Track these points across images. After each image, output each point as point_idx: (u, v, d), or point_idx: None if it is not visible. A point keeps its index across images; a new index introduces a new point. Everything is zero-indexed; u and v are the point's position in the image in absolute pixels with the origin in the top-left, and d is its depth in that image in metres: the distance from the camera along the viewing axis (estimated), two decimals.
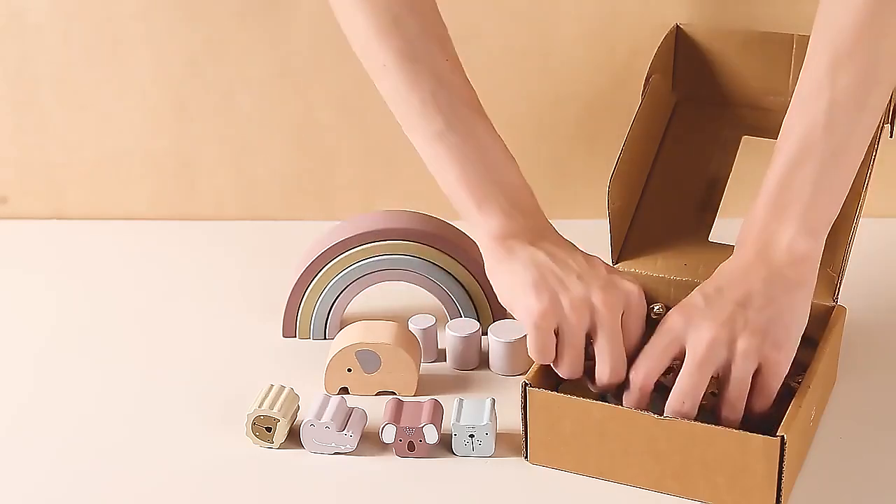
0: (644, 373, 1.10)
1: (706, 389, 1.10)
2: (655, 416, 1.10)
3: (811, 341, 1.21)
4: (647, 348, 1.11)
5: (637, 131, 1.30)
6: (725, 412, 1.10)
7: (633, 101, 1.34)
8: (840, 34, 1.10)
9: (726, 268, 1.13)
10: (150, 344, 1.34)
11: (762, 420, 1.11)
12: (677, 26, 1.39)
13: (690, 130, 1.36)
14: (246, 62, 1.51)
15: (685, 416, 1.09)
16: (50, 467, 1.18)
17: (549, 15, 1.47)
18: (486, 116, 1.20)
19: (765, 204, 1.13)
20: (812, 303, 1.22)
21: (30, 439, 1.21)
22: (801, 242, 1.11)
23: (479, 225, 1.16)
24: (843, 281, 1.22)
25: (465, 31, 1.48)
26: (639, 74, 1.36)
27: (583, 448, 1.13)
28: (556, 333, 1.11)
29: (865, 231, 1.26)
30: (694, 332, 1.09)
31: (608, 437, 1.12)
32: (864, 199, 1.23)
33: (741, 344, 1.08)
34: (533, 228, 1.16)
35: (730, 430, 1.09)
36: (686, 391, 1.09)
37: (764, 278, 1.10)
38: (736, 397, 1.10)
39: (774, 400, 1.12)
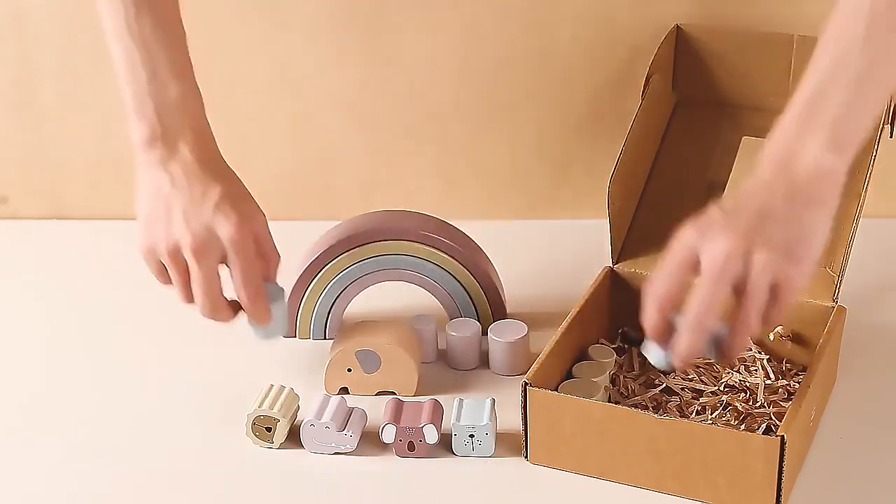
0: (661, 290, 1.06)
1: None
2: (656, 416, 1.10)
3: (811, 341, 1.21)
4: (664, 265, 1.07)
5: (637, 131, 1.30)
6: (738, 331, 1.05)
7: (633, 101, 1.35)
8: None
9: (748, 185, 1.08)
10: (151, 344, 1.34)
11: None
12: (677, 26, 1.39)
13: (690, 131, 1.37)
14: (246, 62, 1.51)
15: (700, 336, 1.04)
16: (50, 467, 1.18)
17: (549, 15, 1.47)
18: (180, 29, 1.22)
19: (794, 116, 1.08)
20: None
21: (30, 439, 1.21)
22: (827, 158, 1.06)
23: (132, 130, 1.20)
24: (843, 281, 1.22)
25: (466, 31, 1.48)
26: (639, 74, 1.36)
27: (583, 448, 1.13)
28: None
29: (865, 231, 1.26)
30: (710, 244, 1.04)
31: (608, 437, 1.12)
32: (864, 199, 1.23)
33: (759, 257, 1.04)
34: (172, 144, 1.19)
35: (730, 430, 1.09)
36: (702, 307, 1.04)
37: (785, 193, 1.06)
38: (751, 313, 1.05)
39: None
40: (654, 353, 1.09)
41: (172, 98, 1.20)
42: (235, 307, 1.21)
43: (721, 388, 1.22)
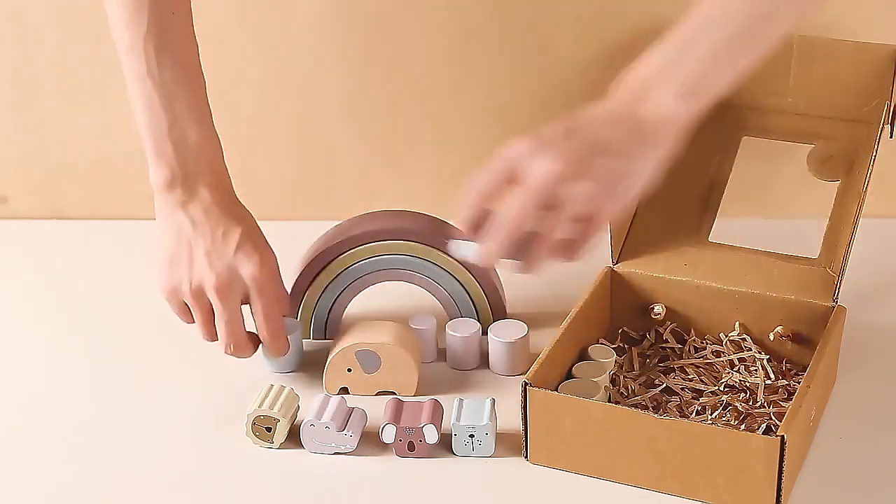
0: (480, 185, 1.06)
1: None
2: (656, 416, 1.10)
3: (811, 341, 1.21)
4: (489, 165, 1.07)
5: None
6: (538, 246, 1.06)
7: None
8: None
9: (597, 108, 1.08)
10: (150, 344, 1.34)
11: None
12: None
13: (690, 131, 1.36)
14: (246, 62, 1.51)
15: (506, 242, 1.04)
16: (50, 467, 1.18)
17: (548, 15, 1.47)
18: (199, 74, 1.23)
19: (658, 57, 1.08)
20: (812, 303, 1.23)
21: (30, 439, 1.21)
22: (677, 106, 1.07)
23: (151, 173, 1.22)
24: (843, 281, 1.22)
25: (466, 31, 1.48)
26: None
27: (583, 448, 1.13)
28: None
29: (865, 231, 1.26)
30: (539, 160, 1.04)
31: (608, 437, 1.12)
32: (864, 199, 1.23)
33: (580, 186, 1.04)
34: (192, 187, 1.22)
35: (730, 430, 1.09)
36: (513, 212, 1.04)
37: (626, 129, 1.06)
38: (554, 231, 1.05)
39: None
40: (461, 248, 1.10)
41: (192, 143, 1.22)
42: (255, 341, 1.25)
43: (721, 388, 1.22)
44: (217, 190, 1.23)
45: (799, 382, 1.15)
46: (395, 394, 1.25)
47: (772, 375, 1.23)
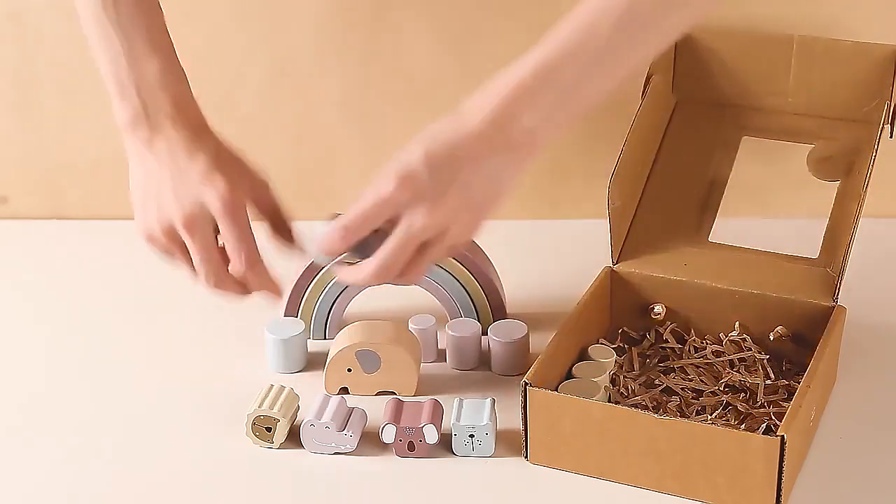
0: (352, 229, 1.09)
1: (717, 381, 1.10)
2: (656, 416, 1.10)
3: (811, 341, 1.21)
4: (363, 206, 1.09)
5: (637, 131, 1.30)
6: (404, 277, 1.10)
7: (633, 101, 1.34)
8: None
9: (463, 130, 1.08)
10: (150, 344, 1.34)
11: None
12: None
13: (690, 131, 1.37)
14: (246, 62, 1.51)
15: (379, 279, 1.10)
16: (50, 467, 1.18)
17: (549, 15, 1.46)
18: (156, 6, 1.20)
19: (521, 80, 1.08)
20: (812, 303, 1.23)
21: (30, 439, 1.21)
22: (543, 130, 1.08)
23: (115, 113, 1.19)
24: (843, 281, 1.22)
25: (466, 31, 1.48)
26: (639, 74, 1.36)
27: (583, 448, 1.13)
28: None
29: (865, 231, 1.26)
30: (412, 212, 1.07)
31: (608, 437, 1.12)
32: (864, 199, 1.23)
33: (452, 233, 1.08)
34: (155, 122, 1.17)
35: (730, 430, 1.09)
36: (387, 264, 1.08)
37: (496, 156, 1.07)
38: (419, 269, 1.10)
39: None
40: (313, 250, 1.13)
41: (152, 77, 1.18)
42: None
43: (721, 388, 1.22)
44: (181, 122, 1.18)
45: (799, 382, 1.15)
46: (395, 394, 1.25)
47: (772, 375, 1.23)
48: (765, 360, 1.24)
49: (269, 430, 1.19)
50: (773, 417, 1.17)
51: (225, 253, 1.16)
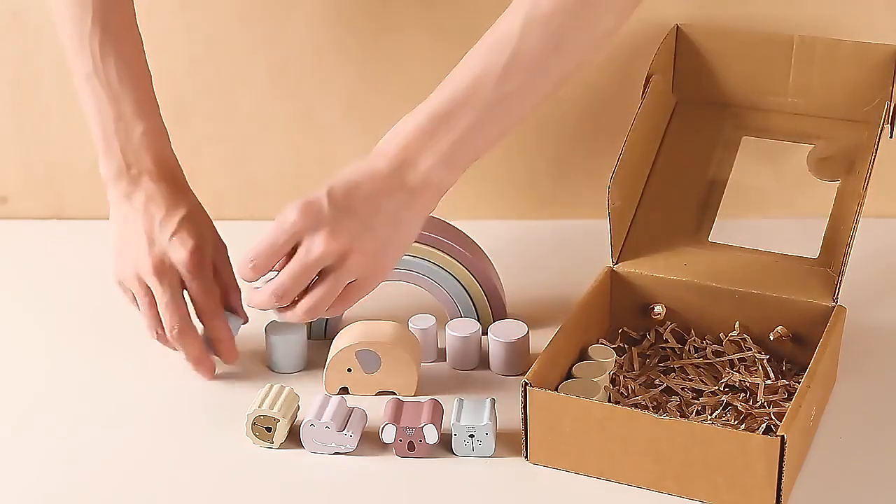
0: (260, 263, 1.14)
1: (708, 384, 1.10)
2: (656, 416, 1.10)
3: (811, 341, 1.21)
4: (267, 238, 1.14)
5: (637, 131, 1.30)
6: (307, 306, 1.15)
7: (633, 101, 1.34)
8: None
9: (363, 174, 1.15)
10: (151, 344, 1.34)
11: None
12: (677, 26, 1.39)
13: (690, 130, 1.37)
14: (246, 62, 1.51)
15: (276, 305, 1.15)
16: (50, 466, 1.18)
17: None
18: (144, 70, 1.28)
19: (419, 124, 1.14)
20: (812, 303, 1.23)
21: (30, 439, 1.21)
22: (440, 174, 1.14)
23: (101, 166, 1.27)
24: (843, 281, 1.22)
25: (466, 31, 1.48)
26: (639, 74, 1.36)
27: (583, 448, 1.13)
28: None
29: (865, 231, 1.26)
30: (311, 238, 1.13)
31: (608, 437, 1.12)
32: (864, 199, 1.23)
33: (351, 260, 1.13)
34: (136, 178, 1.26)
35: (730, 430, 1.09)
36: (286, 287, 1.14)
37: (395, 199, 1.14)
38: (322, 298, 1.14)
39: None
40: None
41: (137, 137, 1.25)
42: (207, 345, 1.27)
43: (721, 388, 1.22)
44: (162, 180, 1.26)
45: (799, 382, 1.15)
46: (395, 394, 1.25)
47: (772, 375, 1.23)
48: (765, 360, 1.24)
49: (269, 430, 1.19)
50: (773, 417, 1.17)
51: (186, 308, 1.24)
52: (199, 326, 1.26)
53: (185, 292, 1.25)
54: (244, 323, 1.28)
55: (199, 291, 1.24)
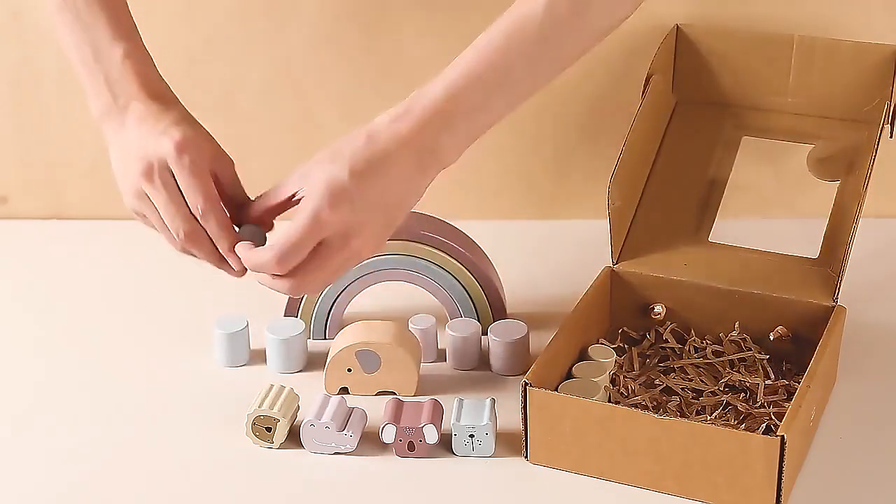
0: (287, 259, 1.10)
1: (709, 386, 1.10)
2: (656, 416, 1.10)
3: (811, 341, 1.21)
4: (296, 231, 1.10)
5: (637, 131, 1.30)
6: (299, 282, 1.11)
7: (633, 101, 1.35)
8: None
9: (378, 148, 1.11)
10: (150, 343, 1.34)
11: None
12: (677, 26, 1.39)
13: (690, 130, 1.37)
14: (246, 62, 1.51)
15: (270, 263, 1.10)
16: (50, 466, 1.18)
17: None
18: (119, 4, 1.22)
19: (435, 104, 1.12)
20: (812, 303, 1.23)
21: (29, 439, 1.21)
22: (453, 150, 1.12)
23: (90, 104, 1.21)
24: (843, 281, 1.22)
25: (466, 31, 1.48)
26: (639, 74, 1.36)
27: (583, 448, 1.13)
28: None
29: (865, 231, 1.26)
30: (330, 211, 1.09)
31: (608, 437, 1.12)
32: (864, 199, 1.23)
33: (356, 242, 1.10)
34: (125, 107, 1.19)
35: (730, 430, 1.09)
36: (285, 243, 1.09)
37: (409, 173, 1.11)
38: (318, 277, 1.11)
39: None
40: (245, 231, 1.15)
41: (117, 63, 1.20)
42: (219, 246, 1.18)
43: (721, 388, 1.22)
44: (149, 101, 1.19)
45: (799, 382, 1.15)
46: (395, 394, 1.25)
47: (772, 375, 1.23)
48: (765, 360, 1.24)
49: (269, 430, 1.19)
50: (773, 417, 1.17)
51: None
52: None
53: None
54: (268, 231, 1.19)
55: (188, 186, 1.14)
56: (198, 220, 1.15)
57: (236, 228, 1.17)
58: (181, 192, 1.15)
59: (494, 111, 1.13)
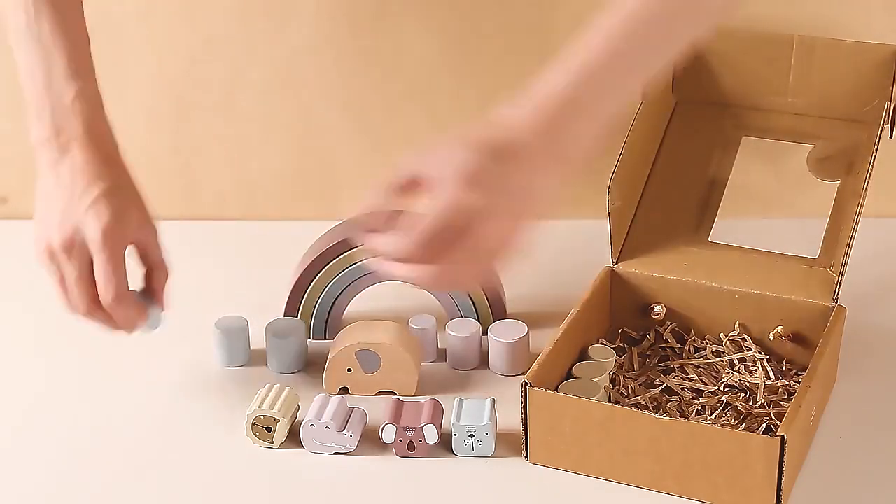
0: (426, 246, 1.05)
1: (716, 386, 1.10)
2: (656, 416, 1.10)
3: (811, 341, 1.21)
4: (436, 221, 1.05)
5: (637, 132, 1.30)
6: (437, 272, 1.06)
7: (632, 101, 1.34)
8: None
9: (511, 137, 1.07)
10: (150, 343, 1.34)
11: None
12: None
13: (690, 130, 1.37)
14: (246, 62, 1.51)
15: (409, 249, 1.05)
16: (50, 467, 1.18)
17: (548, 15, 1.47)
18: (81, 31, 1.21)
19: (563, 91, 1.09)
20: (812, 303, 1.23)
21: (31, 439, 1.21)
22: (587, 138, 1.09)
23: (31, 129, 1.21)
24: (843, 281, 1.22)
25: (466, 31, 1.48)
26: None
27: (583, 448, 1.13)
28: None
29: (865, 231, 1.26)
30: (463, 192, 1.04)
31: (608, 437, 1.12)
32: (864, 199, 1.23)
33: (493, 228, 1.05)
34: (65, 145, 1.19)
35: (730, 430, 1.09)
36: (428, 234, 1.04)
37: (542, 162, 1.08)
38: (454, 267, 1.06)
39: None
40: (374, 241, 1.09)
41: (68, 100, 1.20)
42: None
43: (721, 388, 1.22)
44: (90, 149, 1.19)
45: (799, 382, 1.15)
46: (395, 394, 1.25)
47: (772, 375, 1.23)
48: (765, 360, 1.24)
49: (269, 430, 1.19)
50: (773, 417, 1.17)
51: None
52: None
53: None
54: (161, 311, 1.20)
55: (103, 272, 1.15)
56: (97, 298, 1.16)
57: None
58: (92, 271, 1.16)
59: (616, 98, 1.10)
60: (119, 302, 1.16)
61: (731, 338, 1.26)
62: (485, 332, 1.31)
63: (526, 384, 1.14)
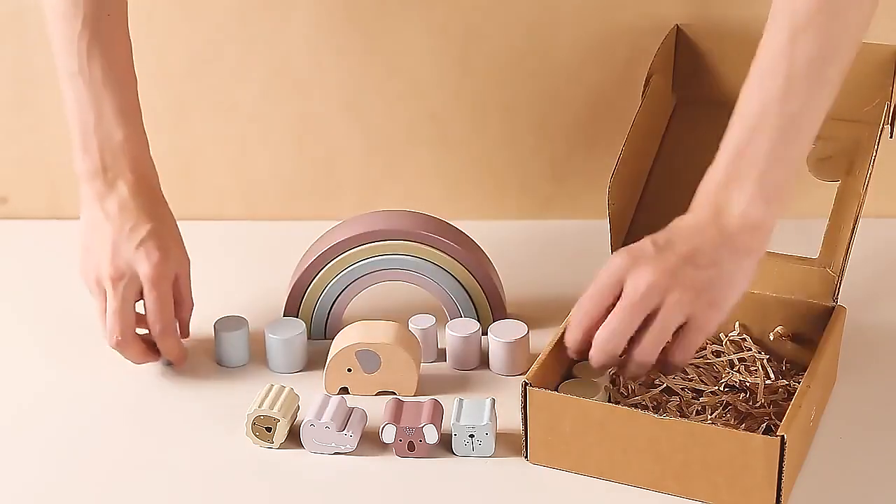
0: (586, 310, 1.12)
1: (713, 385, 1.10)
2: (656, 416, 1.10)
3: (811, 341, 1.21)
4: (592, 287, 1.13)
5: (637, 131, 1.30)
6: (638, 353, 1.11)
7: (633, 101, 1.34)
8: (799, 7, 1.11)
9: (681, 223, 1.13)
10: (150, 343, 1.34)
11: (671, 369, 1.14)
12: (677, 26, 1.39)
13: (690, 130, 1.37)
14: (246, 62, 1.51)
15: (610, 355, 1.11)
16: (49, 466, 1.18)
17: (549, 15, 1.47)
18: (130, 75, 1.28)
19: (722, 167, 1.13)
20: (812, 303, 1.23)
21: (29, 439, 1.21)
22: (754, 210, 1.11)
23: (76, 162, 1.28)
24: (843, 281, 1.22)
25: (466, 31, 1.48)
26: (639, 74, 1.36)
27: (583, 448, 1.13)
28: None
29: (865, 231, 1.26)
30: (636, 274, 1.10)
31: (608, 437, 1.12)
32: (864, 199, 1.23)
33: (674, 295, 1.09)
34: (112, 181, 1.26)
35: (730, 430, 1.09)
36: (615, 329, 1.10)
37: (713, 240, 1.11)
38: (652, 341, 1.11)
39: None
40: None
41: (116, 142, 1.26)
42: (149, 346, 1.27)
43: (721, 388, 1.22)
44: (136, 187, 1.26)
45: (799, 382, 1.15)
46: (395, 394, 1.25)
47: (772, 375, 1.23)
48: (765, 360, 1.24)
49: (269, 430, 1.19)
50: (773, 417, 1.17)
51: (136, 318, 1.25)
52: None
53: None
54: (183, 337, 1.29)
55: (155, 306, 1.24)
56: (134, 331, 1.25)
57: None
58: (133, 304, 1.25)
59: (781, 161, 1.11)
60: (165, 335, 1.25)
61: (731, 338, 1.26)
62: (485, 332, 1.31)
63: (526, 384, 1.14)
